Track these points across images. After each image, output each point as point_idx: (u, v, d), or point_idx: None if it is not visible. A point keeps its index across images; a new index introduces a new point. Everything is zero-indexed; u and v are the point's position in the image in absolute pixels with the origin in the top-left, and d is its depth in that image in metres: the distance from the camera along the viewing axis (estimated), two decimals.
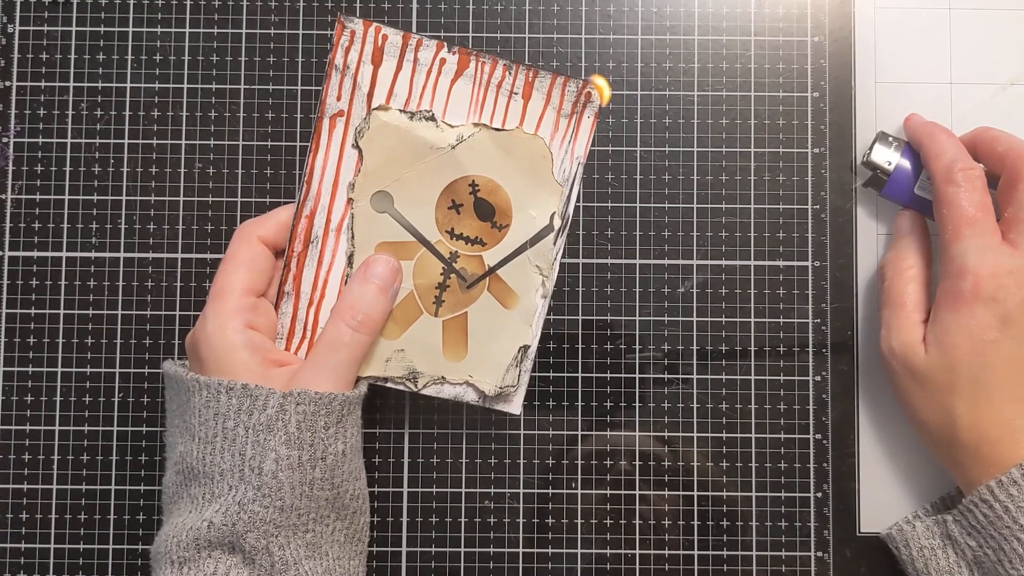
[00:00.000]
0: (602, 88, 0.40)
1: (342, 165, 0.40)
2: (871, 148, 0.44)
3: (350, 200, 0.40)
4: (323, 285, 0.40)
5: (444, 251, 0.41)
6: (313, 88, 0.46)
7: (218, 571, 0.36)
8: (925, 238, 0.43)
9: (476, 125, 0.40)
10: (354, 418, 0.39)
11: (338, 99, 0.40)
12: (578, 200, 0.46)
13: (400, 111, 0.40)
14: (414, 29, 0.46)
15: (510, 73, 0.40)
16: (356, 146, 0.40)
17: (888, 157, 0.44)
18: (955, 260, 0.39)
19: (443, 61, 0.40)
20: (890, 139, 0.44)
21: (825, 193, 0.46)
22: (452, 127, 0.40)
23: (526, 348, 0.41)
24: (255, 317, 0.39)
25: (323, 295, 0.40)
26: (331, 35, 0.45)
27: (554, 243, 0.41)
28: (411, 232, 0.40)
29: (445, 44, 0.39)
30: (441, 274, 0.41)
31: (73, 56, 0.46)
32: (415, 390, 0.41)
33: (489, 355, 0.41)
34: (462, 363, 0.41)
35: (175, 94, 0.46)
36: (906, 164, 0.43)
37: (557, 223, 0.40)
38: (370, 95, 0.40)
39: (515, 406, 0.42)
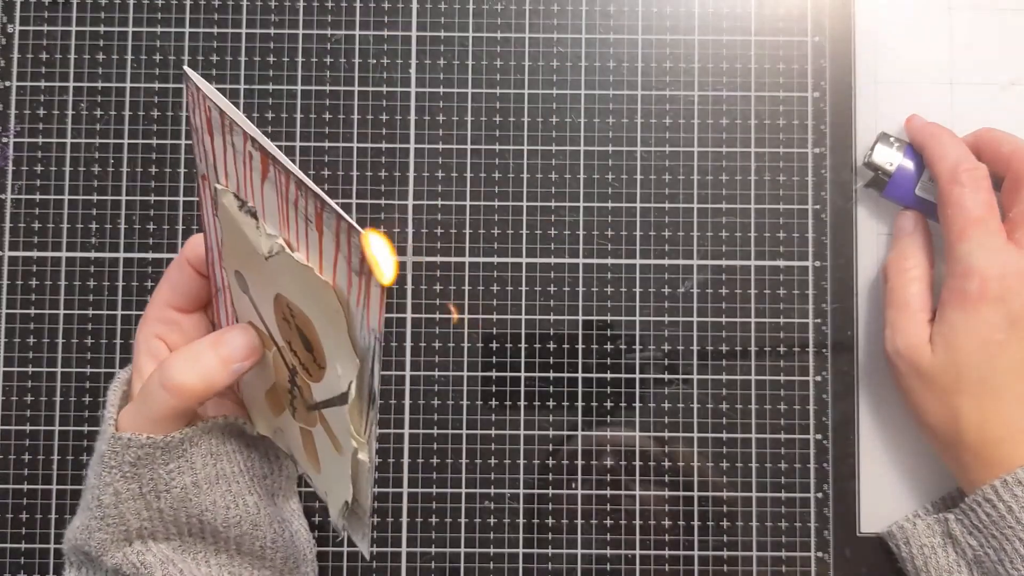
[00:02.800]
0: (375, 262, 0.27)
1: (215, 229, 0.34)
2: (872, 149, 0.44)
3: (223, 267, 0.35)
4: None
5: (290, 361, 0.34)
6: (313, 88, 0.46)
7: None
8: (928, 238, 0.43)
9: (285, 243, 0.31)
10: (204, 450, 0.37)
11: (200, 160, 0.33)
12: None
13: (234, 195, 0.32)
14: (414, 29, 0.46)
15: (302, 195, 0.29)
16: (216, 215, 0.33)
17: (889, 158, 0.44)
18: (961, 260, 0.39)
19: (250, 156, 0.30)
20: (891, 140, 0.44)
21: (825, 193, 0.46)
22: (270, 235, 0.31)
23: (347, 503, 0.35)
24: (168, 331, 0.38)
25: None
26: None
27: (349, 416, 0.31)
28: (263, 324, 0.34)
29: (250, 137, 0.29)
30: (288, 382, 0.35)
31: (73, 56, 0.46)
32: (299, 472, 0.39)
33: (332, 488, 0.36)
34: (319, 477, 0.37)
35: (175, 94, 0.46)
36: (908, 165, 0.43)
37: (352, 395, 0.31)
38: (214, 167, 0.32)
39: (362, 548, 0.36)
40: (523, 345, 0.45)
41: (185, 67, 0.31)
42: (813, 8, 0.46)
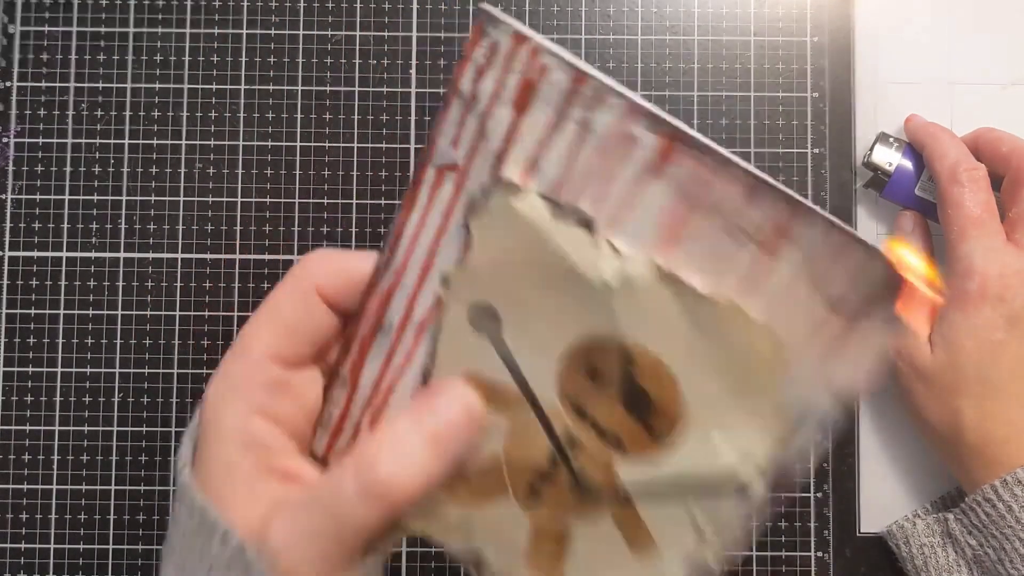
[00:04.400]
0: (934, 280, 0.25)
1: (441, 243, 0.26)
2: (872, 149, 0.44)
3: (441, 298, 0.26)
4: (387, 391, 0.27)
5: (559, 427, 0.26)
6: (313, 88, 0.46)
7: None
8: (927, 238, 0.43)
9: (662, 272, 0.24)
10: None
11: (454, 145, 0.25)
12: None
13: (543, 198, 0.24)
14: (414, 30, 0.46)
15: (756, 202, 0.22)
16: (466, 225, 0.25)
17: (889, 158, 0.44)
18: (961, 260, 0.39)
19: (631, 140, 0.23)
20: (891, 140, 0.44)
21: (825, 193, 0.46)
22: (617, 253, 0.24)
23: None
24: (274, 400, 0.27)
25: (385, 403, 0.27)
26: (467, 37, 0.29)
27: (739, 510, 0.25)
28: (515, 378, 0.26)
29: (641, 113, 0.23)
30: (547, 460, 0.26)
31: (73, 56, 0.46)
32: None
33: None
34: None
35: (175, 94, 0.46)
36: (907, 165, 0.43)
37: (759, 487, 0.24)
38: (501, 156, 0.24)
39: None
40: None
41: (486, 7, 0.24)
42: (813, 8, 0.46)
